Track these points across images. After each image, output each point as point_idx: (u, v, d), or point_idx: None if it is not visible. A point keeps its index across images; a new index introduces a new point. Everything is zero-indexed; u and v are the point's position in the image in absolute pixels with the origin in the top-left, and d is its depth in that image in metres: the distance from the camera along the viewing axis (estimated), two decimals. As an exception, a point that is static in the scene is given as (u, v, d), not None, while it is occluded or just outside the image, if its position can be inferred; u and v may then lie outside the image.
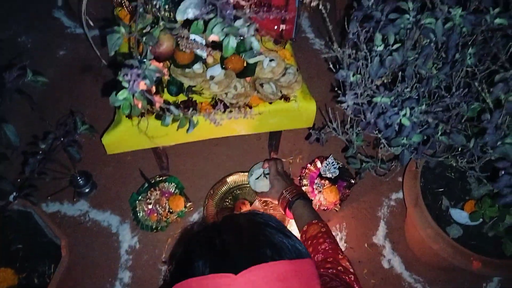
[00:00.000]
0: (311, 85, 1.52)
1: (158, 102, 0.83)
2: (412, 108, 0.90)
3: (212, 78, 1.33)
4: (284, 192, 1.34)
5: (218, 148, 1.85)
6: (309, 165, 1.75)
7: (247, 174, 1.58)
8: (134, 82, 0.70)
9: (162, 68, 0.84)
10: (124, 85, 0.73)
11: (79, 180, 1.67)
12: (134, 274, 1.58)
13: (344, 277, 0.89)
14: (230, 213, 1.61)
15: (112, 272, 1.59)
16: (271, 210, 1.63)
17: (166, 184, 1.70)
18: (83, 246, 1.62)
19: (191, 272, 0.53)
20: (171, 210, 1.65)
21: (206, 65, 1.35)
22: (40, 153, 1.15)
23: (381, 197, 1.77)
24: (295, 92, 1.36)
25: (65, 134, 1.15)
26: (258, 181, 1.48)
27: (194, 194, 1.73)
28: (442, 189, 1.43)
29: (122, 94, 0.72)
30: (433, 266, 1.62)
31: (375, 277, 1.62)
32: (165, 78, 1.28)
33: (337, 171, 1.70)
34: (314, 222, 1.16)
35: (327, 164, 1.70)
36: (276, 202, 1.39)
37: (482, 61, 1.00)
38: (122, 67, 0.77)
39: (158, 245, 1.63)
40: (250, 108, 1.32)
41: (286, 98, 1.34)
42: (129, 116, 1.26)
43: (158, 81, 1.19)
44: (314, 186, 1.69)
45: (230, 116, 0.84)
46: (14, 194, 1.16)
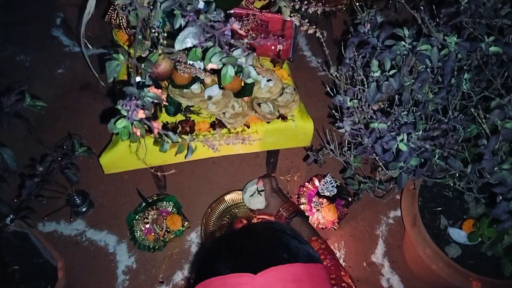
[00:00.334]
0: (309, 104, 1.53)
1: (157, 128, 0.83)
2: (409, 133, 0.91)
3: (210, 98, 1.33)
4: (280, 209, 1.33)
5: (215, 166, 1.85)
6: (307, 183, 1.75)
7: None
8: (133, 111, 0.71)
9: (161, 94, 0.84)
10: (123, 113, 0.73)
11: (76, 199, 1.66)
12: (131, 295, 1.57)
13: None
14: (228, 231, 1.61)
15: (109, 293, 1.57)
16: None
17: (164, 203, 1.69)
18: (80, 266, 1.60)
19: (213, 272, 0.57)
20: (169, 229, 1.64)
21: (204, 85, 1.36)
22: (37, 175, 1.15)
23: (379, 215, 1.77)
24: (293, 111, 1.36)
25: (62, 157, 1.14)
26: (253, 198, 1.48)
27: (191, 213, 1.72)
28: (440, 208, 1.43)
29: (121, 123, 0.72)
30: (432, 286, 1.61)
31: (374, 296, 1.61)
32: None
33: (335, 190, 1.70)
34: (313, 239, 1.16)
35: (325, 182, 1.70)
36: (272, 219, 1.38)
37: (477, 85, 1.01)
38: (121, 94, 0.77)
39: (155, 265, 1.62)
40: (247, 127, 1.33)
41: (283, 118, 1.35)
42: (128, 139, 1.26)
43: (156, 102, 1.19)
44: (312, 205, 1.69)
45: (228, 142, 0.84)
46: (11, 216, 1.15)
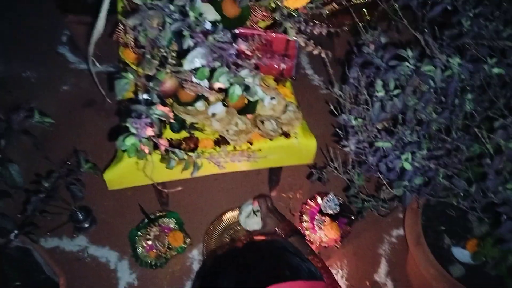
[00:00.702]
0: (311, 122, 1.54)
1: (163, 145, 0.85)
2: (413, 152, 0.92)
3: (214, 115, 1.34)
4: (277, 230, 1.34)
5: (218, 183, 1.86)
6: (309, 201, 1.75)
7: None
8: (142, 129, 0.72)
9: (169, 111, 0.85)
10: (131, 131, 0.74)
11: (79, 215, 1.66)
12: (132, 313, 1.56)
13: None
14: (231, 248, 1.60)
15: (110, 310, 1.56)
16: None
17: (166, 219, 1.69)
18: (81, 283, 1.59)
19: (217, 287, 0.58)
20: (171, 246, 1.64)
21: (208, 102, 1.37)
22: (42, 191, 1.15)
23: (382, 233, 1.76)
24: (295, 129, 1.37)
25: (68, 173, 1.15)
26: (249, 219, 1.48)
27: (193, 229, 1.72)
28: (444, 227, 1.43)
29: (130, 140, 0.73)
30: (435, 305, 1.60)
31: (377, 316, 1.60)
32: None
33: (337, 208, 1.69)
34: (310, 258, 1.16)
35: (328, 200, 1.70)
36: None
37: (480, 105, 1.02)
38: (128, 111, 0.78)
39: (157, 282, 1.61)
40: (250, 144, 1.34)
41: (286, 135, 1.36)
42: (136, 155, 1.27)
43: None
44: (315, 223, 1.69)
45: (233, 159, 0.85)
46: (15, 232, 1.16)
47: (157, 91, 0.89)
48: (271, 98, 1.39)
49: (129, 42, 1.31)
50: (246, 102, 1.34)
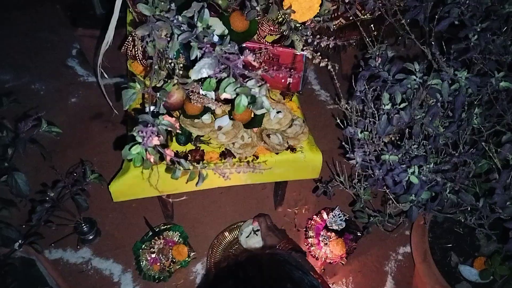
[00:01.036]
0: (318, 136, 1.54)
1: (169, 156, 0.85)
2: (420, 166, 0.91)
3: (220, 128, 1.35)
4: (277, 247, 1.33)
5: (223, 196, 1.85)
6: (315, 216, 1.74)
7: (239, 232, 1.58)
8: (148, 138, 0.72)
9: (176, 122, 0.86)
10: (138, 140, 0.74)
11: (84, 227, 1.66)
12: (135, 327, 1.54)
13: None
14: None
15: (112, 324, 1.55)
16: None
17: (170, 232, 1.68)
18: (84, 295, 1.59)
19: None
20: (174, 260, 1.62)
21: (214, 115, 1.38)
22: (48, 201, 1.16)
23: (388, 251, 1.74)
24: (302, 143, 1.37)
25: (74, 183, 1.15)
26: (249, 239, 1.48)
27: (198, 243, 1.70)
28: (451, 244, 1.40)
29: (136, 149, 0.74)
30: (442, 325, 1.57)
31: (383, 335, 1.56)
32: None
33: (343, 224, 1.68)
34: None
35: (334, 216, 1.69)
36: None
37: (488, 120, 1.02)
38: (135, 122, 0.79)
39: (160, 296, 1.60)
40: (256, 158, 1.34)
41: (292, 149, 1.36)
42: (141, 166, 1.27)
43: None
44: (320, 238, 1.67)
45: (239, 170, 0.85)
46: (20, 242, 1.16)
47: (164, 102, 0.90)
48: (277, 112, 1.39)
49: (137, 55, 1.32)
50: (252, 116, 1.34)
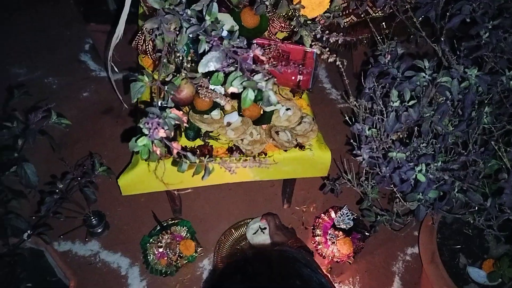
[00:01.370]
0: (327, 134, 1.54)
1: (176, 149, 0.85)
2: (428, 164, 0.90)
3: (229, 124, 1.35)
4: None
5: (231, 193, 1.85)
6: (323, 214, 1.73)
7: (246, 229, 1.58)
8: (154, 129, 0.72)
9: (182, 116, 0.86)
10: (144, 131, 0.75)
11: (93, 220, 1.68)
12: (141, 320, 1.55)
13: None
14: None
15: (119, 316, 1.56)
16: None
17: (178, 227, 1.69)
18: (92, 287, 1.60)
19: None
20: (182, 255, 1.63)
21: (224, 111, 1.38)
22: (57, 192, 1.17)
23: (396, 251, 1.73)
24: (310, 140, 1.37)
25: (82, 175, 1.17)
26: (256, 236, 1.48)
27: (205, 239, 1.71)
28: (460, 246, 1.39)
29: (142, 141, 0.74)
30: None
31: (389, 335, 1.55)
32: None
33: (351, 223, 1.67)
34: None
35: (342, 214, 1.68)
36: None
37: (498, 120, 1.00)
38: (144, 115, 0.79)
39: (166, 290, 1.61)
40: (265, 155, 1.33)
41: (301, 147, 1.35)
42: (146, 159, 1.28)
43: (176, 126, 1.22)
44: (328, 237, 1.66)
45: (245, 164, 0.85)
46: (29, 232, 1.17)
47: (172, 95, 0.90)
48: (287, 109, 1.39)
49: (148, 49, 1.33)
50: (262, 113, 1.34)
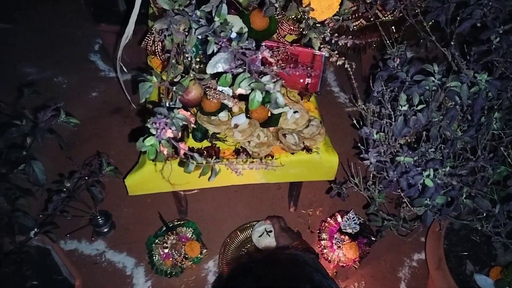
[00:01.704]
0: (334, 138, 1.53)
1: (183, 149, 0.85)
2: (435, 169, 0.89)
3: (236, 126, 1.35)
4: (290, 248, 1.31)
5: (237, 195, 1.85)
6: (329, 218, 1.73)
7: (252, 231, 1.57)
8: (162, 130, 0.73)
9: (190, 116, 0.86)
10: (152, 131, 0.75)
11: (99, 219, 1.68)
12: (145, 320, 1.56)
13: None
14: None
15: (123, 316, 1.56)
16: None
17: (184, 228, 1.69)
18: (97, 286, 1.60)
19: None
20: (187, 256, 1.63)
21: (231, 113, 1.38)
22: (64, 191, 1.17)
23: (402, 256, 1.72)
24: (318, 144, 1.36)
25: (90, 174, 1.17)
26: (261, 239, 1.47)
27: (210, 240, 1.71)
28: (467, 252, 1.38)
29: (149, 141, 0.74)
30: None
31: None
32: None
33: (357, 227, 1.66)
34: None
35: (348, 219, 1.67)
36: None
37: (508, 125, 0.99)
38: (151, 115, 0.80)
39: (171, 291, 1.61)
40: (272, 157, 1.33)
41: (308, 150, 1.35)
42: (153, 159, 1.29)
43: (184, 127, 1.23)
44: (334, 241, 1.65)
45: (251, 166, 0.85)
46: (36, 230, 1.18)
47: (180, 96, 0.91)
48: (294, 112, 1.39)
49: (157, 50, 1.34)
50: (269, 115, 1.34)
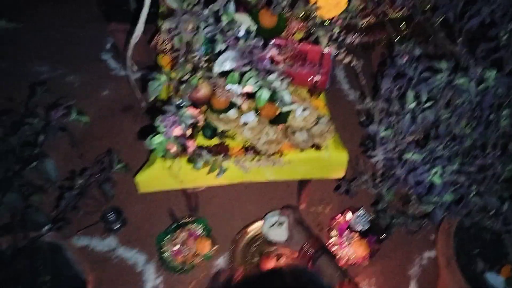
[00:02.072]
0: (343, 135, 1.53)
1: (191, 147, 0.86)
2: (444, 166, 0.89)
3: (245, 124, 1.36)
4: (304, 245, 1.26)
5: (247, 191, 1.86)
6: (338, 215, 1.72)
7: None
8: (170, 128, 0.74)
9: (198, 114, 0.87)
10: (160, 130, 0.76)
11: (110, 216, 1.70)
12: (156, 315, 1.57)
13: None
14: (256, 269, 1.59)
15: (134, 311, 1.58)
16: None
17: (194, 225, 1.70)
18: (108, 283, 1.62)
19: None
20: (197, 252, 1.64)
21: (240, 111, 1.38)
22: (76, 188, 1.19)
23: (412, 254, 1.71)
24: (327, 141, 1.36)
25: (101, 171, 1.19)
26: (272, 229, 1.43)
27: (220, 237, 1.72)
28: (477, 250, 1.37)
29: (158, 139, 0.76)
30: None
31: None
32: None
33: (367, 225, 1.65)
34: (345, 282, 1.12)
35: (358, 216, 1.67)
36: (295, 254, 1.31)
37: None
38: (161, 113, 0.81)
39: (181, 287, 1.62)
40: (280, 154, 1.34)
41: (317, 147, 1.34)
42: (163, 156, 1.30)
43: (193, 124, 1.24)
44: (343, 239, 1.65)
45: (259, 163, 0.85)
46: (48, 226, 1.20)
47: (188, 93, 0.92)
48: (303, 109, 1.39)
49: (166, 49, 1.35)
50: (278, 112, 1.35)
